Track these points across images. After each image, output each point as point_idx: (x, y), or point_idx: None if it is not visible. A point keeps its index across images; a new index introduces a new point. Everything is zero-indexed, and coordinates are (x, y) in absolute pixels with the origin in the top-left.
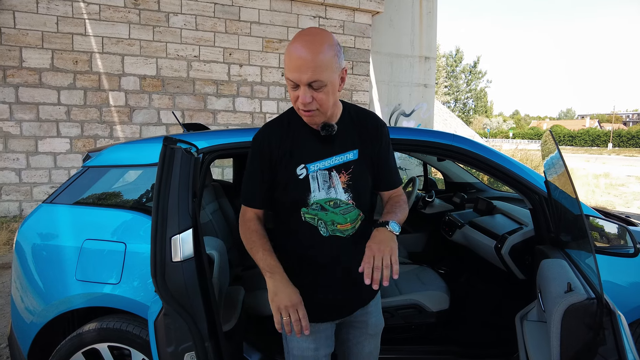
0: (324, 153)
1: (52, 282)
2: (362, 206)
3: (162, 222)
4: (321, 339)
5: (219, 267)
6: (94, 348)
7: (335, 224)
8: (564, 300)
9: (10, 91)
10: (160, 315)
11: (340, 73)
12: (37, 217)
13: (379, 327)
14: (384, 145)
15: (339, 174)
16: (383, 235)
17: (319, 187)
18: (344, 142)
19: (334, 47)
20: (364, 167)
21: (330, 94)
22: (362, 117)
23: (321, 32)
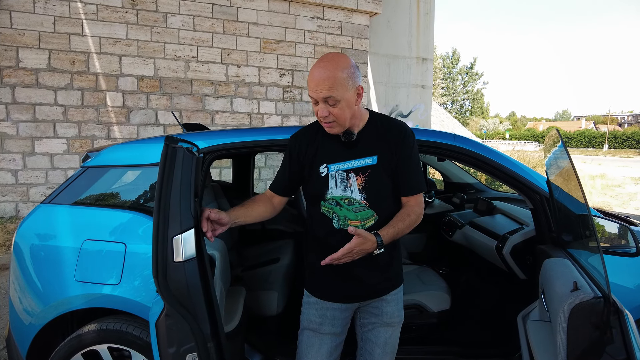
0: (344, 156)
1: (51, 283)
2: (376, 208)
3: (163, 222)
4: (326, 317)
5: (220, 268)
6: (94, 349)
7: (347, 219)
8: (570, 299)
9: (6, 91)
10: (162, 316)
11: (355, 90)
12: (35, 217)
13: (395, 317)
14: (403, 155)
15: (356, 176)
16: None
17: (337, 185)
18: (365, 148)
19: (348, 69)
20: (382, 172)
21: (346, 109)
22: (386, 128)
23: (338, 56)
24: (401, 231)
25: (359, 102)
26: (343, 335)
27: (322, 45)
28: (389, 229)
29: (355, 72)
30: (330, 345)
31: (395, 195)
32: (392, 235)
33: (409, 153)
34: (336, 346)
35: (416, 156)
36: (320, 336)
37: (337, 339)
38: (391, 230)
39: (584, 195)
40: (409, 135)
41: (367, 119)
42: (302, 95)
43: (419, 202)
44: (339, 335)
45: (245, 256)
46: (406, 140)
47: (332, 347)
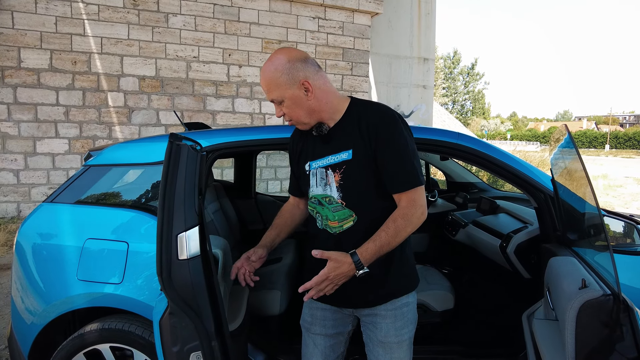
0: (322, 152)
1: (53, 282)
2: (354, 207)
3: (168, 220)
4: (316, 317)
5: (224, 266)
6: (96, 349)
7: (327, 219)
8: (578, 297)
9: (8, 92)
10: (166, 314)
11: (299, 86)
12: (38, 216)
13: (390, 336)
14: (381, 144)
15: (333, 173)
16: (342, 269)
17: (317, 183)
18: (340, 142)
19: (282, 65)
20: (358, 167)
21: (295, 107)
22: (361, 116)
23: (274, 55)
24: (386, 243)
25: (312, 96)
26: (338, 337)
27: (323, 45)
28: (369, 244)
29: (295, 65)
30: (323, 346)
31: (381, 192)
32: (374, 250)
33: (390, 140)
34: (330, 347)
35: (403, 144)
36: (312, 336)
37: (330, 340)
38: (371, 246)
39: (594, 192)
40: (388, 119)
41: (344, 109)
42: None
43: (413, 201)
44: (331, 336)
45: None
46: (384, 126)
47: (325, 348)
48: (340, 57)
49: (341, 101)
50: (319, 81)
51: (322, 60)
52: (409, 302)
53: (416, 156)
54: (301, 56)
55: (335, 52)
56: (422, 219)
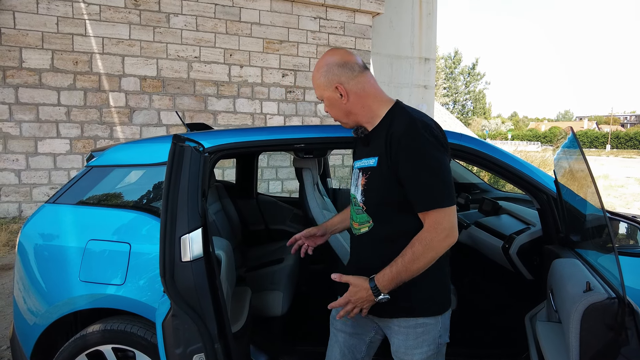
0: (361, 154)
1: (55, 283)
2: (372, 214)
3: (171, 222)
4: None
5: (226, 268)
6: (98, 350)
7: (352, 219)
8: (583, 300)
9: (10, 92)
10: (169, 316)
11: (333, 89)
12: (40, 217)
13: (400, 353)
14: (401, 160)
15: (362, 176)
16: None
17: (353, 182)
18: (373, 147)
19: (323, 68)
20: (380, 177)
21: (332, 107)
22: (392, 124)
23: (324, 55)
24: (403, 270)
25: (347, 99)
26: (359, 339)
27: (324, 45)
28: (386, 270)
29: (331, 69)
30: (342, 343)
31: (404, 206)
32: (391, 277)
33: (411, 155)
34: (350, 346)
35: (426, 159)
36: (334, 331)
37: (350, 339)
38: (388, 272)
39: (599, 193)
40: (412, 132)
41: (384, 114)
42: (305, 95)
43: (435, 223)
44: (351, 336)
45: (249, 256)
46: (406, 144)
47: (344, 346)
48: None
49: (382, 105)
50: (355, 86)
51: None
52: (427, 324)
53: (443, 174)
54: (340, 60)
55: None
56: (447, 244)
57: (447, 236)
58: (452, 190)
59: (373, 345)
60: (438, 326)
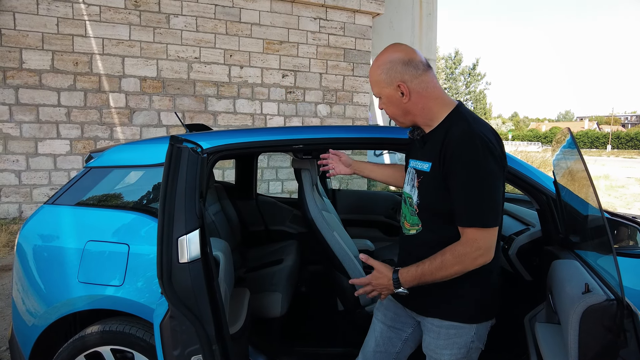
0: (417, 155)
1: (54, 284)
2: (422, 218)
3: (168, 223)
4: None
5: (225, 269)
6: (97, 351)
7: (405, 218)
8: (581, 302)
9: (10, 92)
10: (166, 317)
11: (394, 87)
12: (39, 218)
13: (429, 350)
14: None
15: (417, 178)
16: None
17: (408, 181)
18: (427, 151)
19: (383, 65)
20: (432, 183)
21: (390, 105)
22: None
23: (383, 51)
24: (428, 273)
25: (407, 99)
26: (396, 333)
27: (324, 45)
28: (412, 267)
29: (394, 67)
30: (380, 333)
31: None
32: (414, 275)
33: (459, 172)
34: (386, 338)
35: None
36: (375, 320)
37: (387, 331)
38: (413, 270)
39: (597, 194)
40: (467, 143)
41: (443, 117)
42: (305, 96)
43: (471, 240)
44: (389, 328)
45: (248, 257)
46: (459, 155)
47: (380, 336)
48: (342, 58)
49: (442, 108)
50: (418, 86)
51: (323, 60)
52: (460, 327)
53: (493, 192)
54: (404, 57)
55: (336, 52)
56: (479, 263)
57: (481, 256)
58: (498, 210)
59: (408, 343)
60: (472, 332)
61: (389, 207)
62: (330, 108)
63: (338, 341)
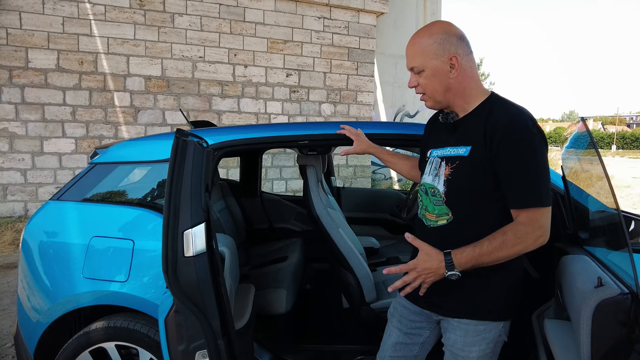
0: (445, 142)
1: (58, 280)
2: (453, 206)
3: (174, 216)
4: (397, 311)
5: (230, 265)
6: (101, 347)
7: (427, 210)
8: (594, 296)
9: (16, 92)
10: (171, 312)
11: (446, 60)
12: (44, 214)
13: (456, 349)
14: (504, 155)
15: (446, 166)
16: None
17: (430, 172)
18: (463, 135)
19: (438, 35)
20: (471, 168)
21: (432, 78)
22: (493, 114)
23: (433, 23)
24: (487, 253)
25: (455, 74)
26: (412, 339)
27: (328, 45)
28: (468, 248)
29: (450, 39)
30: (396, 340)
31: (488, 202)
32: (472, 256)
33: (514, 149)
34: (402, 344)
35: (529, 156)
36: (390, 327)
37: (404, 337)
38: (470, 250)
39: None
40: (519, 125)
41: (479, 102)
42: (309, 95)
43: (533, 220)
44: (405, 334)
45: (253, 255)
46: (512, 136)
47: (397, 343)
48: (346, 57)
49: (480, 93)
50: (467, 63)
51: (327, 60)
52: (489, 323)
53: (545, 172)
54: (459, 33)
55: (340, 51)
56: (539, 243)
57: (541, 235)
58: (550, 189)
59: (426, 346)
60: (500, 326)
61: (394, 205)
62: (334, 107)
63: (343, 338)
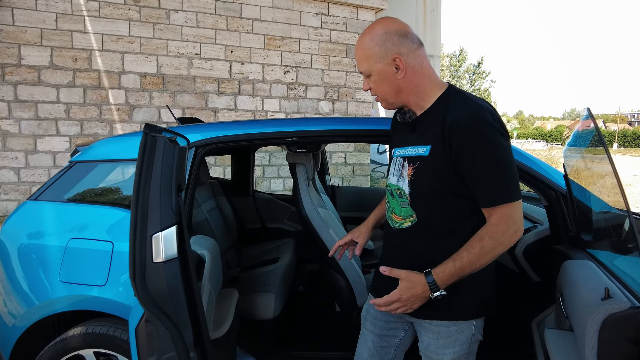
0: (406, 141)
1: (34, 283)
2: (416, 208)
3: (142, 219)
4: (370, 313)
5: (211, 269)
6: (79, 354)
7: (393, 212)
8: (601, 309)
9: (8, 89)
10: (142, 321)
11: (390, 61)
12: (21, 214)
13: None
14: (465, 152)
15: (408, 166)
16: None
17: (394, 172)
18: (423, 134)
19: (376, 37)
20: (432, 168)
21: (381, 82)
22: (450, 111)
23: (374, 23)
24: (467, 264)
25: (402, 75)
26: (388, 341)
27: (326, 41)
28: (448, 264)
29: (391, 38)
30: (372, 344)
31: (454, 202)
32: (453, 272)
33: (476, 151)
34: (379, 348)
35: (492, 151)
36: (364, 331)
37: (379, 340)
38: (450, 266)
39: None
40: (477, 121)
41: (436, 98)
42: (307, 92)
43: (505, 217)
44: (380, 337)
45: (245, 256)
46: (473, 134)
47: (373, 347)
48: (344, 54)
49: (435, 88)
50: (414, 60)
51: (325, 56)
52: (461, 324)
53: (510, 166)
54: (401, 30)
55: (339, 48)
56: (516, 238)
57: (516, 231)
58: (518, 182)
59: (402, 346)
60: (472, 326)
61: None
62: (332, 105)
63: (334, 344)
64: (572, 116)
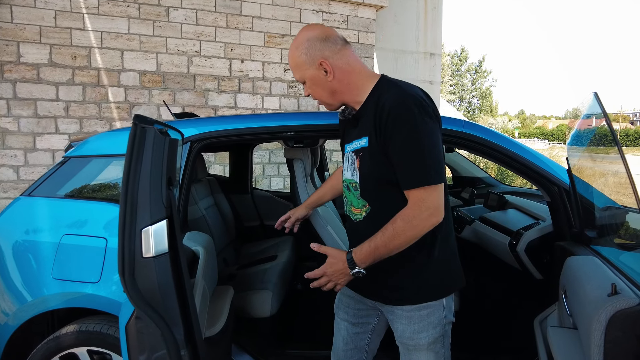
0: (351, 136)
1: (27, 280)
2: (367, 197)
3: (131, 213)
4: (342, 302)
5: (205, 265)
6: (72, 352)
7: (352, 205)
8: (608, 305)
9: (7, 87)
10: (132, 318)
11: (316, 67)
12: (14, 210)
13: (405, 339)
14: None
15: (356, 158)
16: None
17: (347, 167)
18: (362, 127)
19: (301, 46)
20: (371, 157)
21: (316, 87)
22: (380, 103)
23: (297, 35)
24: (382, 245)
25: (332, 77)
26: (362, 327)
27: None
28: (364, 245)
29: (314, 44)
30: (346, 332)
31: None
32: (368, 252)
33: (397, 135)
34: (353, 335)
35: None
36: (338, 320)
37: (353, 328)
38: (366, 246)
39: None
40: (401, 107)
41: (369, 91)
42: None
43: (418, 200)
44: (354, 325)
45: (243, 254)
46: (394, 119)
47: (347, 335)
48: None
49: (367, 81)
50: (339, 61)
51: None
52: (431, 306)
53: (433, 151)
54: (321, 34)
55: None
56: (431, 223)
57: (431, 215)
58: (441, 167)
59: (376, 332)
60: (442, 307)
61: None
62: None
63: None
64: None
